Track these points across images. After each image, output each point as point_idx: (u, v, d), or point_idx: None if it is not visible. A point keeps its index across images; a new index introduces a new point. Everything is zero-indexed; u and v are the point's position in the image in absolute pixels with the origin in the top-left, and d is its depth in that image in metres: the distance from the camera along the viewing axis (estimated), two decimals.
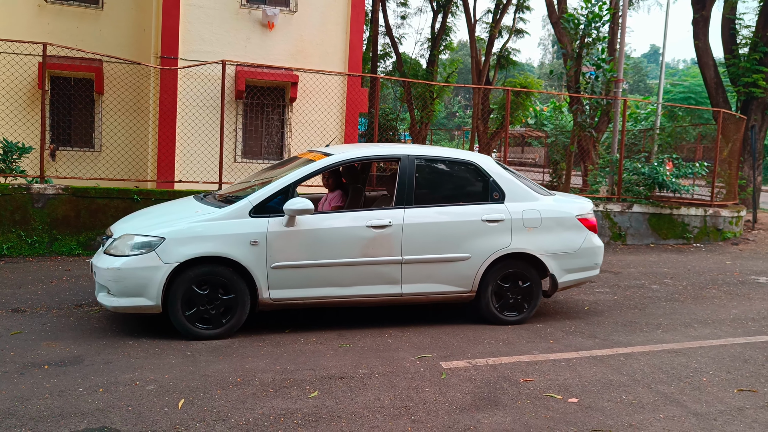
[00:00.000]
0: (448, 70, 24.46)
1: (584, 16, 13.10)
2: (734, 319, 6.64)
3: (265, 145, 11.79)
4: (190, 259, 5.13)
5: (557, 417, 4.01)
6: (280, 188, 5.47)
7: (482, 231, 5.90)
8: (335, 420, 3.81)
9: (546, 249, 6.12)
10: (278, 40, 11.48)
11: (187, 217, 5.37)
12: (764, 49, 14.37)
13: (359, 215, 5.65)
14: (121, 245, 5.22)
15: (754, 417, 4.14)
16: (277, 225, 5.34)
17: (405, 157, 5.92)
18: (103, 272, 5.16)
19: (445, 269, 5.83)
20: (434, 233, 5.79)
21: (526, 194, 6.20)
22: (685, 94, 34.73)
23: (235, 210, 5.35)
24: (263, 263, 5.30)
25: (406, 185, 5.82)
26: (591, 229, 6.40)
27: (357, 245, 5.55)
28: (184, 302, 5.18)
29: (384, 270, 5.65)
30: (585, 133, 13.53)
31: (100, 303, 5.28)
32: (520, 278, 6.12)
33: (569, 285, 6.42)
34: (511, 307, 6.14)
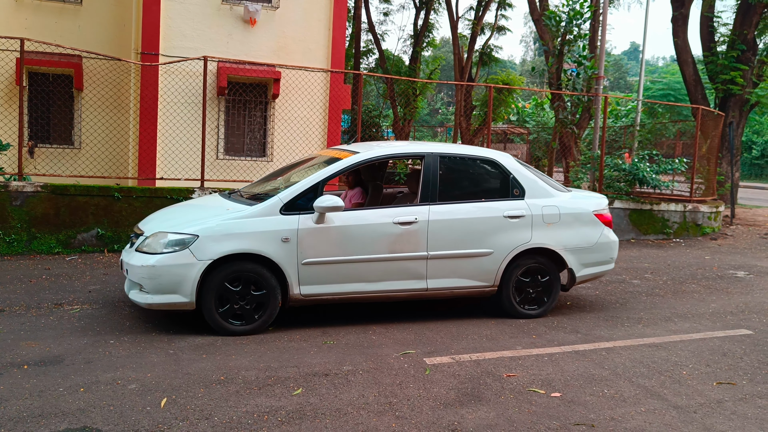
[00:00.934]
0: (430, 66, 24.48)
1: (566, 14, 13.18)
2: (713, 313, 6.73)
3: (248, 141, 11.72)
4: (223, 256, 5.19)
5: (540, 411, 4.04)
6: (310, 186, 5.53)
7: (504, 227, 6.04)
8: (319, 417, 3.81)
9: (564, 244, 6.27)
10: (260, 37, 11.41)
11: (218, 215, 5.44)
12: (742, 46, 14.57)
13: (386, 212, 5.75)
14: (153, 243, 5.27)
15: (733, 409, 4.21)
16: (307, 222, 5.43)
17: (429, 155, 6.03)
18: (136, 270, 5.20)
19: (468, 264, 5.96)
20: (458, 229, 5.91)
21: (545, 191, 6.35)
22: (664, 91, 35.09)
23: (267, 207, 5.42)
24: (294, 260, 5.39)
25: (430, 182, 5.93)
26: (607, 225, 6.58)
27: (384, 241, 5.66)
28: (216, 299, 5.24)
29: (410, 265, 5.78)
30: (566, 130, 13.62)
31: (133, 300, 5.34)
32: (540, 273, 6.26)
33: (586, 279, 6.58)
34: (532, 301, 6.28)
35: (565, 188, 6.77)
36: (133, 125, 10.93)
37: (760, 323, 6.40)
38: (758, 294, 7.75)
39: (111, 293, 6.48)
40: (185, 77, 10.67)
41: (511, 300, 6.17)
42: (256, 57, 11.20)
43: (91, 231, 8.46)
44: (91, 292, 6.49)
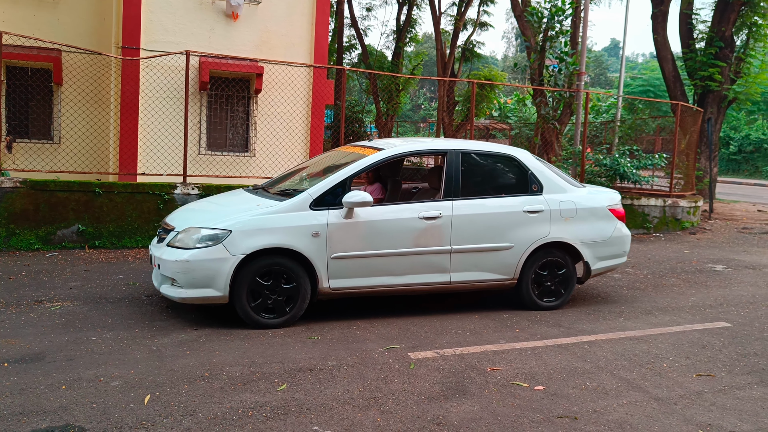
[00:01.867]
0: (413, 62, 24.48)
1: (547, 10, 13.25)
2: (693, 306, 6.83)
3: (230, 137, 11.65)
4: (255, 250, 5.29)
5: (524, 405, 4.07)
6: (338, 182, 5.66)
7: (524, 221, 6.22)
8: (304, 412, 3.81)
9: (581, 238, 6.47)
10: (243, 31, 11.33)
11: (249, 210, 5.53)
12: (720, 44, 14.75)
13: (412, 207, 5.91)
14: (186, 238, 5.35)
15: (712, 400, 4.28)
16: (336, 217, 5.56)
17: (451, 151, 6.20)
18: (170, 264, 5.28)
19: (490, 258, 6.13)
20: (481, 224, 6.07)
21: (561, 186, 6.55)
22: (644, 87, 35.48)
23: (297, 203, 5.53)
24: (324, 254, 5.50)
25: (453, 178, 6.09)
26: (620, 219, 6.79)
27: (410, 236, 5.81)
28: (249, 293, 5.34)
29: (434, 259, 5.92)
30: (548, 125, 13.71)
31: (165, 294, 5.42)
32: (557, 266, 6.44)
33: (601, 272, 6.79)
34: (549, 293, 6.46)
35: (580, 184, 6.98)
36: (114, 120, 10.81)
37: (738, 316, 6.50)
38: (736, 287, 7.88)
39: (92, 290, 6.42)
40: (167, 72, 10.57)
41: (530, 293, 6.35)
42: (239, 52, 11.12)
43: (72, 227, 8.36)
44: (72, 289, 6.42)
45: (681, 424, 3.89)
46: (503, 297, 6.78)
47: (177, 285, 5.30)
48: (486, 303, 6.58)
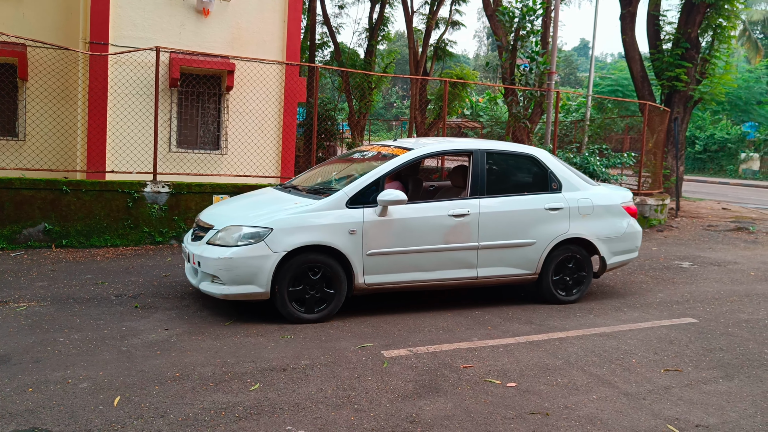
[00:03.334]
0: (386, 60, 24.46)
1: (519, 10, 13.37)
2: (660, 303, 6.96)
3: (201, 134, 11.51)
4: (296, 248, 5.45)
5: (496, 401, 4.11)
6: (372, 180, 5.85)
7: (545, 218, 6.49)
8: (277, 412, 3.79)
9: (597, 234, 6.77)
10: (214, 28, 11.20)
11: (288, 209, 5.68)
12: (686, 45, 15.03)
13: (441, 205, 6.13)
14: (227, 236, 5.49)
15: (680, 395, 4.37)
16: (371, 215, 5.74)
17: (476, 151, 6.44)
18: (212, 262, 5.40)
19: (514, 254, 6.39)
20: (506, 221, 6.33)
21: (579, 184, 6.84)
22: (613, 86, 35.96)
23: (334, 201, 5.71)
24: (360, 251, 5.69)
25: (479, 177, 6.34)
26: (632, 216, 7.13)
27: (440, 233, 6.03)
28: (288, 289, 5.50)
29: (462, 255, 6.15)
30: (519, 124, 13.84)
31: (205, 291, 5.56)
32: (575, 261, 6.73)
33: (615, 266, 7.10)
34: (568, 287, 6.76)
35: (595, 182, 7.27)
36: (82, 117, 10.59)
37: (704, 312, 6.65)
38: (702, 284, 8.05)
39: (59, 290, 6.29)
40: (136, 68, 10.40)
41: (550, 287, 6.62)
42: (210, 48, 11.00)
43: (38, 226, 8.18)
44: (39, 289, 6.28)
45: (649, 419, 3.96)
46: (475, 294, 6.83)
47: (218, 282, 5.44)
48: (459, 301, 6.62)
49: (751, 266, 9.40)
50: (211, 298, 6.24)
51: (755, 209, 17.75)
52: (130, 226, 8.60)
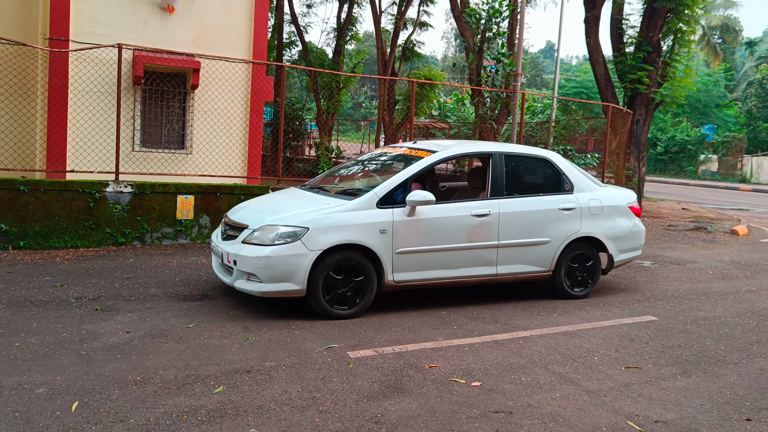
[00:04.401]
0: (354, 60, 24.45)
1: (485, 12, 13.47)
2: (622, 301, 7.09)
3: (166, 133, 11.33)
4: (331, 246, 5.64)
5: (461, 401, 4.13)
6: (401, 181, 6.11)
7: (559, 218, 6.84)
8: (241, 415, 3.75)
9: (606, 233, 7.14)
10: (179, 25, 11.04)
11: (321, 209, 5.86)
12: (648, 48, 15.33)
13: (465, 205, 6.42)
14: (263, 235, 5.66)
15: (640, 392, 4.45)
16: (400, 215, 5.99)
17: (496, 154, 6.75)
18: (250, 260, 5.58)
19: (531, 252, 6.71)
20: (524, 220, 6.64)
21: (589, 185, 7.22)
22: (578, 89, 36.54)
23: (365, 201, 5.93)
24: (389, 249, 5.92)
25: (498, 178, 6.64)
26: (637, 215, 7.51)
27: (464, 232, 6.31)
28: (323, 286, 5.70)
29: (484, 253, 6.44)
30: (486, 125, 13.95)
31: (241, 289, 5.73)
32: (586, 258, 7.10)
33: (621, 263, 7.47)
34: (579, 283, 7.12)
35: (602, 183, 7.62)
36: (41, 115, 10.33)
37: (664, 310, 6.80)
38: (662, 282, 8.23)
39: (16, 292, 6.12)
40: (98, 65, 10.19)
41: (563, 283, 6.98)
42: (175, 46, 10.83)
43: None
44: None
45: (610, 416, 4.03)
46: (441, 294, 6.86)
47: (255, 280, 5.61)
48: (425, 301, 6.63)
49: (708, 265, 9.64)
50: (174, 301, 6.14)
51: (713, 209, 18.21)
52: (92, 227, 8.42)
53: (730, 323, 6.38)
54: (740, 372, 4.97)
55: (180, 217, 8.95)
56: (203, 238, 9.11)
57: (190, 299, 6.22)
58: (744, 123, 38.68)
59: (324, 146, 13.20)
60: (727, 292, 7.84)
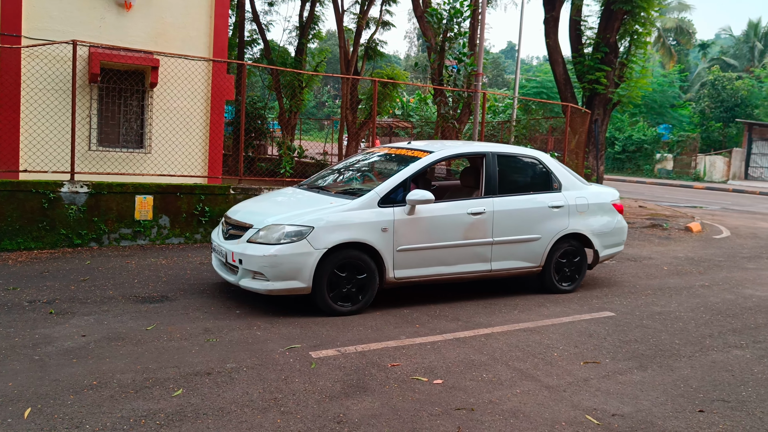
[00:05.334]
0: (317, 59, 24.31)
1: (446, 12, 13.55)
2: (581, 298, 7.22)
3: (124, 132, 11.10)
4: (336, 245, 5.77)
5: (423, 399, 4.15)
6: (401, 181, 6.27)
7: (549, 215, 7.09)
8: (201, 417, 3.70)
9: (592, 229, 7.44)
10: (137, 22, 10.82)
11: (325, 208, 6.00)
12: (605, 49, 15.67)
13: (461, 204, 6.61)
14: (269, 234, 5.76)
15: (597, 386, 4.55)
16: (400, 213, 6.15)
17: (489, 154, 6.95)
18: (256, 259, 5.69)
19: (523, 248, 6.96)
20: (516, 218, 6.87)
21: (576, 184, 7.51)
22: (538, 89, 37.09)
23: (367, 201, 6.08)
24: (391, 247, 6.08)
25: (491, 177, 6.84)
26: (620, 212, 7.84)
27: (460, 229, 6.50)
28: (328, 283, 5.82)
29: (479, 250, 6.65)
30: (448, 124, 14.05)
31: (246, 287, 5.84)
32: (573, 254, 7.37)
33: (606, 258, 7.79)
34: (566, 278, 7.39)
35: (587, 182, 7.91)
36: None
37: (621, 305, 6.95)
38: (620, 278, 8.41)
39: None
40: (53, 62, 9.92)
41: (552, 278, 7.23)
42: (132, 43, 10.61)
43: None
44: None
45: (569, 410, 4.10)
46: (403, 293, 6.88)
47: (261, 278, 5.72)
48: (387, 300, 6.64)
49: (664, 261, 9.89)
50: (133, 303, 6.03)
51: (669, 207, 18.69)
52: (46, 228, 8.19)
53: (684, 318, 6.56)
54: (693, 365, 5.11)
55: (138, 217, 8.78)
56: (162, 238, 8.96)
57: (149, 301, 6.11)
58: (697, 123, 39.83)
59: (286, 145, 13.10)
60: (682, 287, 8.06)
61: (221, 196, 9.39)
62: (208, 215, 9.23)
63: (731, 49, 52.81)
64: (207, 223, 9.24)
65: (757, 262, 10.19)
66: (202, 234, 9.23)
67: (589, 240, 7.43)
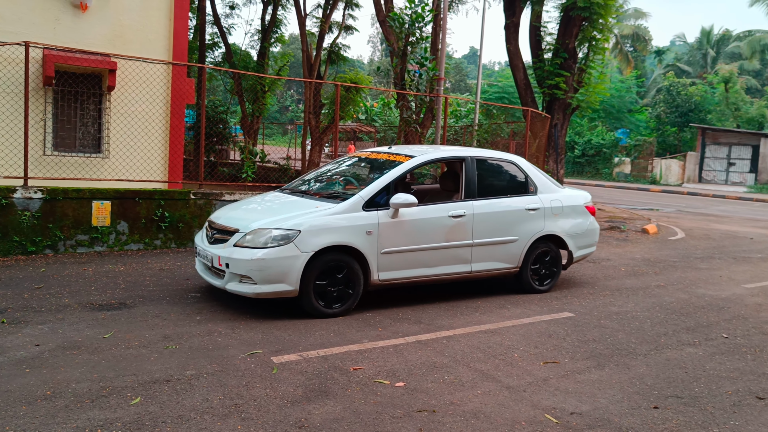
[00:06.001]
0: (279, 63, 24.15)
1: (408, 16, 13.63)
2: (541, 299, 7.33)
3: (80, 137, 10.85)
4: (322, 248, 5.86)
5: (385, 402, 4.16)
6: (384, 185, 6.40)
7: (526, 218, 7.30)
8: (159, 425, 3.64)
9: (566, 231, 7.67)
10: (94, 24, 10.61)
11: (311, 212, 6.06)
12: (564, 55, 15.95)
13: (443, 207, 6.76)
14: (256, 238, 5.82)
15: (557, 385, 4.62)
16: (384, 217, 6.27)
17: (468, 158, 7.14)
18: (244, 263, 5.73)
19: (501, 249, 7.14)
20: (495, 220, 7.05)
21: (550, 187, 7.72)
22: (500, 93, 37.55)
23: (351, 205, 6.17)
24: (375, 249, 6.20)
25: (471, 181, 7.01)
26: (592, 214, 8.10)
27: (442, 232, 6.65)
28: (314, 286, 5.91)
29: (460, 252, 6.82)
30: (410, 129, 14.12)
31: (233, 291, 5.87)
32: (548, 255, 7.58)
33: (579, 259, 8.03)
34: (542, 278, 7.60)
35: (561, 185, 8.16)
36: None
37: (580, 306, 7.08)
38: (579, 280, 8.57)
39: None
40: (4, 64, 9.65)
41: (528, 278, 7.44)
42: (89, 45, 10.39)
43: None
44: None
45: (529, 410, 4.16)
46: (365, 296, 6.87)
47: (249, 282, 5.77)
48: None
49: (621, 262, 10.12)
50: (89, 311, 5.90)
51: (626, 209, 19.12)
52: None
53: (640, 317, 6.72)
54: (649, 363, 5.24)
55: (96, 223, 8.59)
56: (121, 245, 8.78)
57: (107, 309, 5.98)
58: (654, 127, 40.87)
59: (248, 150, 12.99)
60: (638, 287, 8.25)
61: (181, 202, 9.25)
62: (168, 221, 9.09)
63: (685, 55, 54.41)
64: (167, 228, 9.10)
65: (710, 263, 10.51)
66: (161, 240, 9.08)
67: (563, 241, 7.65)
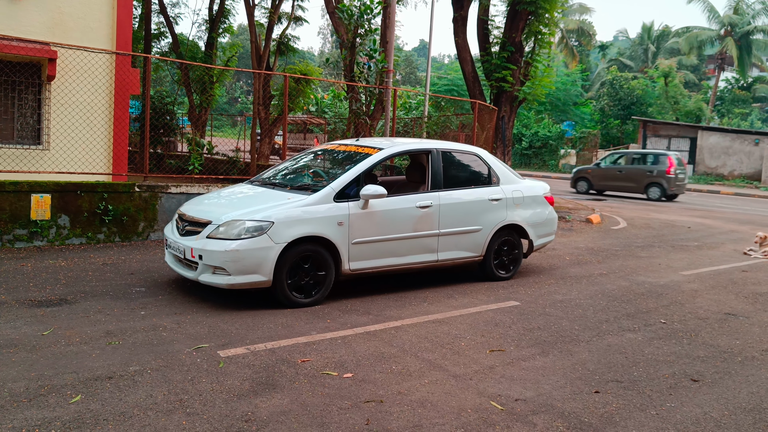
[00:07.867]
0: (227, 53, 23.75)
1: (357, 8, 13.59)
2: (488, 288, 7.47)
3: (18, 128, 10.44)
4: (295, 239, 5.95)
5: (333, 393, 4.18)
6: (354, 177, 6.54)
7: (489, 208, 7.57)
8: (101, 423, 3.56)
9: (527, 220, 7.98)
10: (31, 11, 10.20)
11: (284, 204, 6.13)
12: (511, 48, 16.19)
13: (410, 198, 6.94)
14: (229, 230, 5.87)
15: (502, 373, 4.73)
16: (355, 207, 6.41)
17: (434, 150, 7.38)
18: (218, 255, 5.77)
19: (466, 239, 7.37)
20: (460, 210, 7.29)
21: (512, 178, 8.01)
22: (449, 86, 37.90)
23: (323, 196, 6.30)
24: (346, 240, 6.33)
25: (437, 173, 7.23)
26: (551, 204, 8.42)
27: (410, 222, 6.85)
28: (287, 276, 6.01)
29: (427, 242, 7.02)
30: (360, 120, 14.11)
31: (206, 282, 5.91)
32: (510, 244, 7.90)
33: (539, 247, 8.37)
34: (504, 266, 7.92)
35: (521, 177, 8.38)
36: None
37: (526, 295, 7.24)
38: (524, 269, 8.75)
39: None
40: None
41: (491, 267, 7.73)
42: (26, 33, 10.00)
43: None
44: None
45: (475, 397, 4.24)
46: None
47: (222, 273, 5.81)
48: None
49: (566, 251, 10.38)
50: (27, 308, 5.71)
51: (571, 200, 19.60)
52: None
53: (583, 304, 6.92)
54: (591, 349, 5.41)
55: (35, 217, 8.31)
56: (62, 239, 8.52)
57: (46, 305, 5.80)
58: (598, 120, 41.97)
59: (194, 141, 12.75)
60: (582, 276, 8.49)
61: (125, 194, 9.03)
62: (112, 214, 8.86)
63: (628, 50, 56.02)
64: (111, 222, 8.87)
65: (650, 251, 10.89)
66: (105, 234, 8.85)
67: (524, 230, 7.95)
